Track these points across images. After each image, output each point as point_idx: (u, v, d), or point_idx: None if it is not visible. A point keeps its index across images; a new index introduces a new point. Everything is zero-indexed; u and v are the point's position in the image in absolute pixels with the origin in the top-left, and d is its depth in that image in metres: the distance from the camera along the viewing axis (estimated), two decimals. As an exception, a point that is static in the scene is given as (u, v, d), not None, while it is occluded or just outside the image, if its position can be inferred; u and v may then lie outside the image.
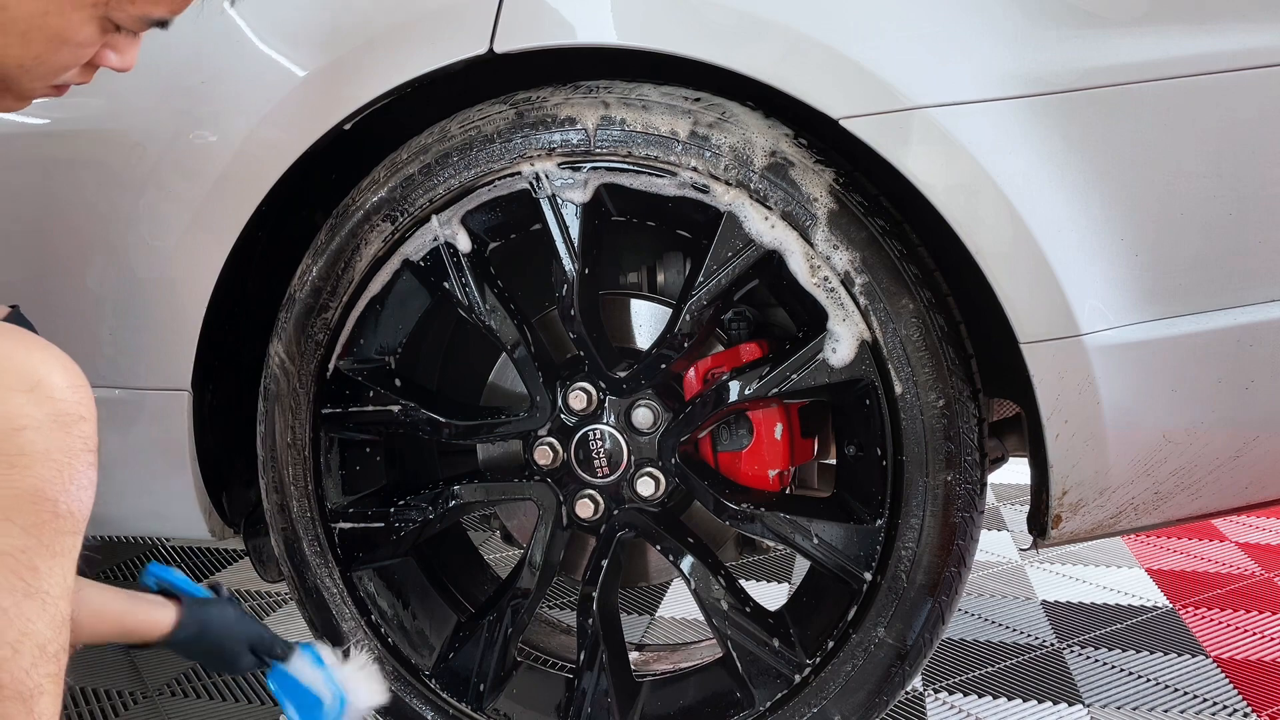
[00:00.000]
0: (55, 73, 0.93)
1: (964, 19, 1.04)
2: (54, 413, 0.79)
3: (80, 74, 0.96)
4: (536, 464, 1.27)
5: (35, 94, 0.95)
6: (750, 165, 1.12)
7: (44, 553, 0.79)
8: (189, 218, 1.26)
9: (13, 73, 0.91)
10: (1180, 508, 1.13)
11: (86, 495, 0.82)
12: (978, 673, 1.70)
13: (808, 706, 1.20)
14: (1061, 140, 1.03)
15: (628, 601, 2.04)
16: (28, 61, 0.90)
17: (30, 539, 0.78)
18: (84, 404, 0.82)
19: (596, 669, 1.27)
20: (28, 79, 0.92)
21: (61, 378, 0.80)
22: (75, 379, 0.82)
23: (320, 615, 1.33)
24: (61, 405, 0.79)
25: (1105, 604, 2.04)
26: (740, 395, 1.18)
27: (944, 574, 1.14)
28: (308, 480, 1.30)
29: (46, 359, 0.81)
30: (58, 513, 0.79)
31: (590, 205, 1.18)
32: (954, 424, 1.11)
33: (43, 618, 0.80)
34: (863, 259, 1.10)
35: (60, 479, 0.79)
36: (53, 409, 0.79)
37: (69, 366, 0.82)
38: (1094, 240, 1.04)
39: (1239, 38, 1.01)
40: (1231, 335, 1.06)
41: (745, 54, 1.08)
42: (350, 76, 1.18)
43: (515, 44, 1.14)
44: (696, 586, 1.24)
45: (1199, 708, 1.57)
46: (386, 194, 1.22)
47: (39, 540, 0.79)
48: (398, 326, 1.31)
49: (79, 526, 0.82)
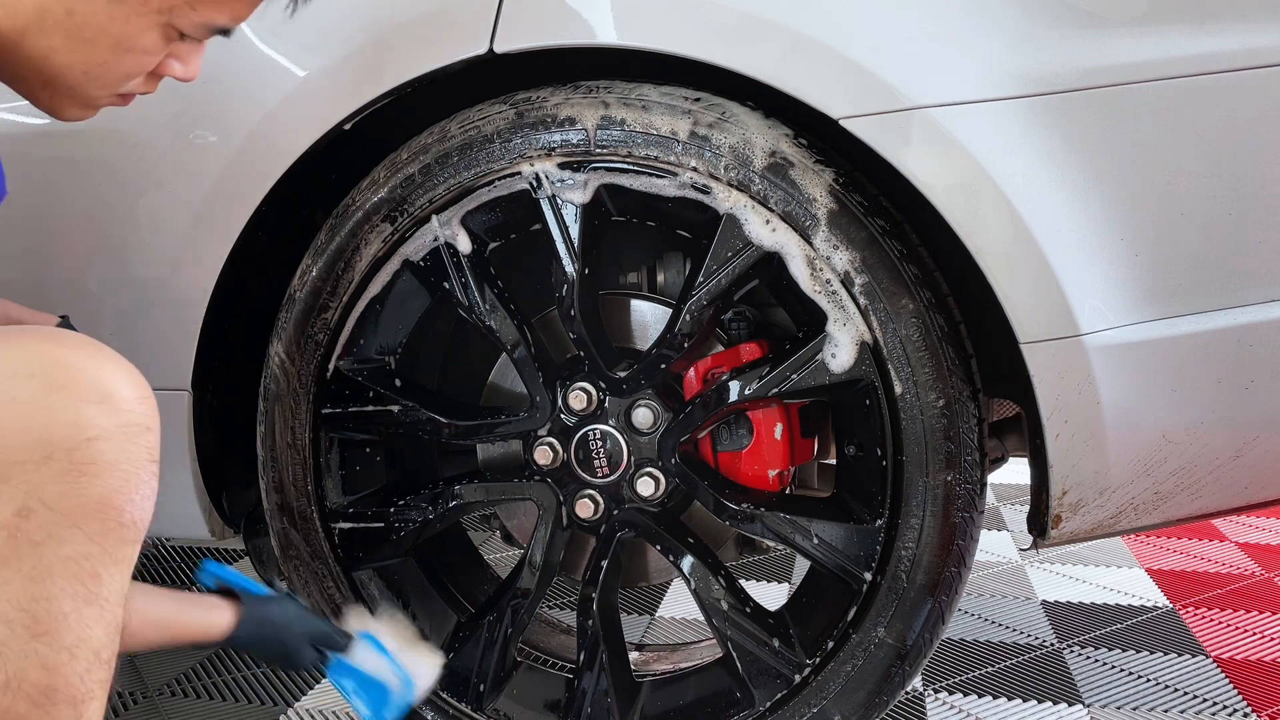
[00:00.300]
0: (119, 81, 0.93)
1: (964, 19, 1.04)
2: (123, 423, 0.80)
3: (145, 83, 0.97)
4: (536, 464, 1.27)
5: (100, 103, 0.96)
6: (750, 165, 1.12)
7: (107, 560, 0.80)
8: (189, 218, 1.26)
9: (77, 80, 0.92)
10: (1180, 508, 1.13)
11: (149, 505, 0.83)
12: (978, 673, 1.70)
13: (808, 706, 1.20)
14: (1061, 140, 1.03)
15: (628, 601, 2.04)
16: (92, 68, 0.91)
17: (95, 546, 0.79)
18: (150, 415, 0.83)
19: (596, 669, 1.27)
20: (93, 86, 0.93)
21: (130, 389, 0.82)
22: (142, 390, 0.83)
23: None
24: (130, 416, 0.81)
25: (1105, 604, 2.04)
26: (740, 395, 1.18)
27: (944, 574, 1.14)
28: (308, 480, 1.30)
29: (116, 370, 0.82)
30: (122, 521, 0.81)
31: (590, 205, 1.18)
32: (954, 424, 1.11)
33: (100, 624, 0.81)
34: (863, 259, 1.10)
35: (127, 488, 0.80)
36: (122, 420, 0.80)
37: (136, 378, 0.83)
38: (1094, 240, 1.04)
39: (1239, 38, 1.01)
40: (1231, 335, 1.06)
41: (745, 54, 1.08)
42: (350, 77, 1.18)
43: (515, 44, 1.14)
44: (696, 586, 1.24)
45: (1199, 708, 1.57)
46: (386, 194, 1.22)
47: (103, 548, 0.80)
48: (398, 326, 1.31)
49: (140, 535, 0.83)
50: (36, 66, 0.91)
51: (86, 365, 0.80)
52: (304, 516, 1.31)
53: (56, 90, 0.93)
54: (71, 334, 0.84)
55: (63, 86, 0.92)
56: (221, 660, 1.77)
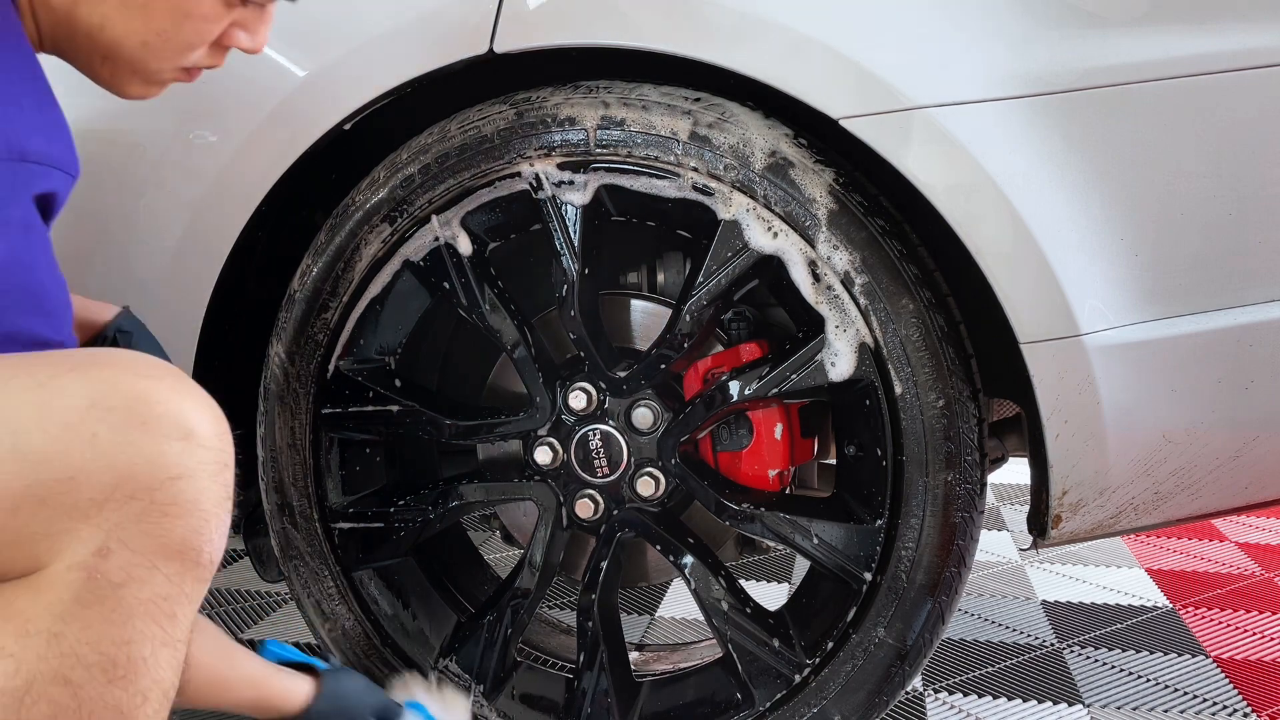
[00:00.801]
0: (181, 52, 0.91)
1: (964, 19, 1.04)
2: (203, 461, 0.78)
3: (209, 55, 0.94)
4: (536, 464, 1.27)
5: (164, 77, 0.94)
6: (750, 166, 1.12)
7: (184, 601, 0.79)
8: (189, 218, 1.26)
9: (137, 52, 0.89)
10: (1180, 508, 1.13)
11: (223, 543, 0.81)
12: (978, 673, 1.70)
13: (808, 706, 1.20)
14: (1061, 140, 1.03)
15: (628, 601, 2.04)
16: (150, 38, 0.88)
17: (174, 587, 0.77)
18: (228, 452, 0.81)
19: (596, 669, 1.27)
20: (154, 59, 0.90)
21: (211, 425, 0.79)
22: (222, 426, 0.81)
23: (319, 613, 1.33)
24: (211, 454, 0.79)
25: (1105, 604, 2.04)
26: (740, 395, 1.18)
27: (944, 574, 1.14)
28: (308, 480, 1.30)
29: (198, 405, 0.79)
30: (200, 562, 0.79)
31: (590, 206, 1.18)
32: (954, 424, 1.11)
33: (172, 665, 0.79)
34: (863, 259, 1.10)
35: (206, 528, 0.78)
36: (203, 458, 0.78)
37: (216, 413, 0.81)
38: (1094, 240, 1.04)
39: (1239, 38, 1.01)
40: (1231, 335, 1.06)
41: (745, 54, 1.08)
42: (350, 76, 1.18)
43: (515, 44, 1.14)
44: (696, 586, 1.24)
45: (1199, 708, 1.57)
46: (386, 194, 1.22)
47: (180, 589, 0.78)
48: (398, 327, 1.31)
49: (212, 573, 0.81)
50: (93, 38, 0.88)
51: (169, 399, 0.78)
52: (304, 516, 1.31)
53: (116, 64, 0.91)
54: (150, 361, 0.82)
55: (122, 60, 0.90)
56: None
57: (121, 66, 0.91)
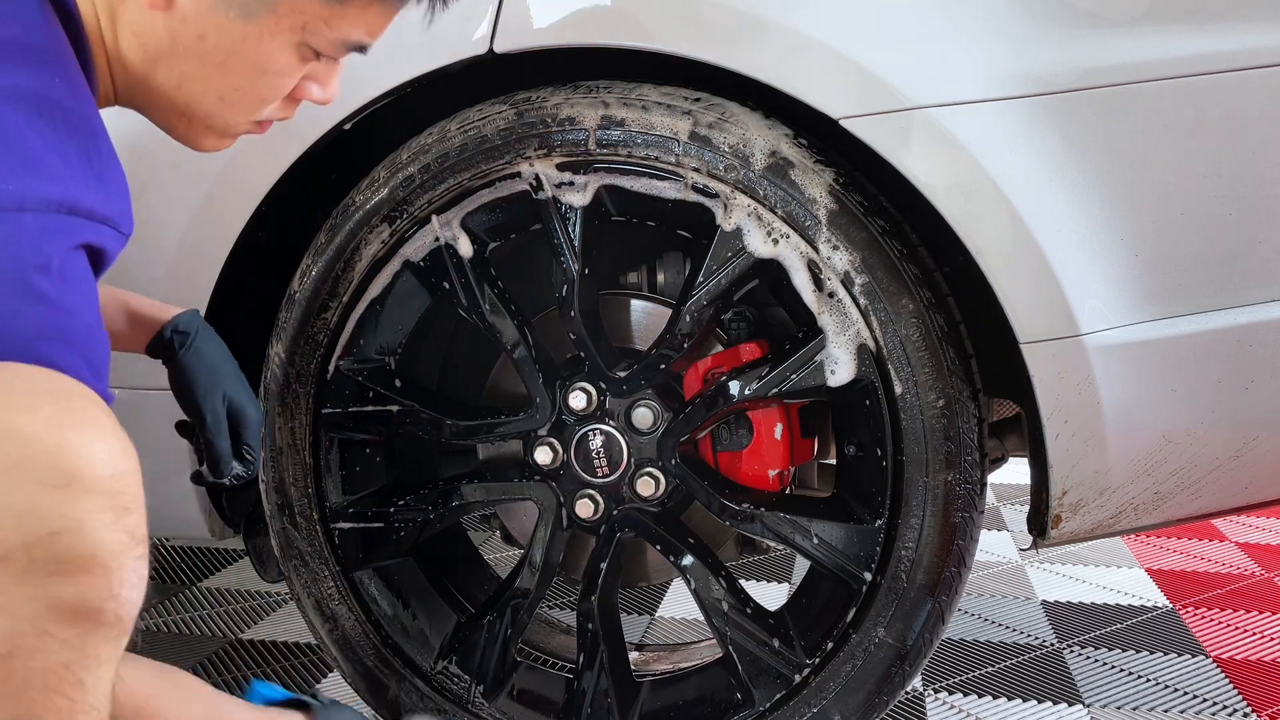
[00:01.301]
0: (255, 106, 0.91)
1: (964, 19, 1.04)
2: (91, 510, 0.67)
3: (282, 108, 0.94)
4: (536, 464, 1.27)
5: (238, 130, 0.93)
6: (750, 166, 1.12)
7: (91, 665, 0.70)
8: (189, 218, 1.26)
9: (213, 106, 0.89)
10: (1180, 508, 1.13)
11: (136, 595, 0.71)
12: (978, 673, 1.70)
13: (808, 706, 1.20)
14: (1061, 140, 1.03)
15: (628, 601, 2.04)
16: (227, 93, 0.88)
17: (74, 653, 0.69)
18: (129, 493, 0.70)
19: (596, 669, 1.27)
20: (229, 113, 0.90)
21: (104, 465, 0.68)
22: (119, 463, 0.69)
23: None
24: (101, 500, 0.67)
25: (1105, 604, 2.04)
26: (740, 395, 1.18)
27: (944, 574, 1.14)
28: (308, 480, 1.30)
29: (85, 439, 0.67)
30: (103, 621, 0.69)
31: (590, 206, 1.18)
32: (954, 424, 1.11)
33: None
34: (863, 259, 1.10)
35: (106, 584, 0.68)
36: (90, 506, 0.67)
37: (113, 446, 0.69)
38: (1094, 240, 1.04)
39: (1239, 38, 1.01)
40: (1231, 335, 1.06)
41: (745, 54, 1.08)
42: (350, 77, 1.18)
43: (515, 44, 1.14)
44: (696, 586, 1.24)
45: (1199, 708, 1.57)
46: (386, 195, 1.22)
47: (83, 654, 0.69)
48: (398, 326, 1.31)
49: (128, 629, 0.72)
50: (170, 96, 0.88)
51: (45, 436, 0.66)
52: (304, 516, 1.31)
53: (193, 120, 0.90)
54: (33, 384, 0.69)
55: (199, 115, 0.90)
56: None
57: (197, 122, 0.91)
